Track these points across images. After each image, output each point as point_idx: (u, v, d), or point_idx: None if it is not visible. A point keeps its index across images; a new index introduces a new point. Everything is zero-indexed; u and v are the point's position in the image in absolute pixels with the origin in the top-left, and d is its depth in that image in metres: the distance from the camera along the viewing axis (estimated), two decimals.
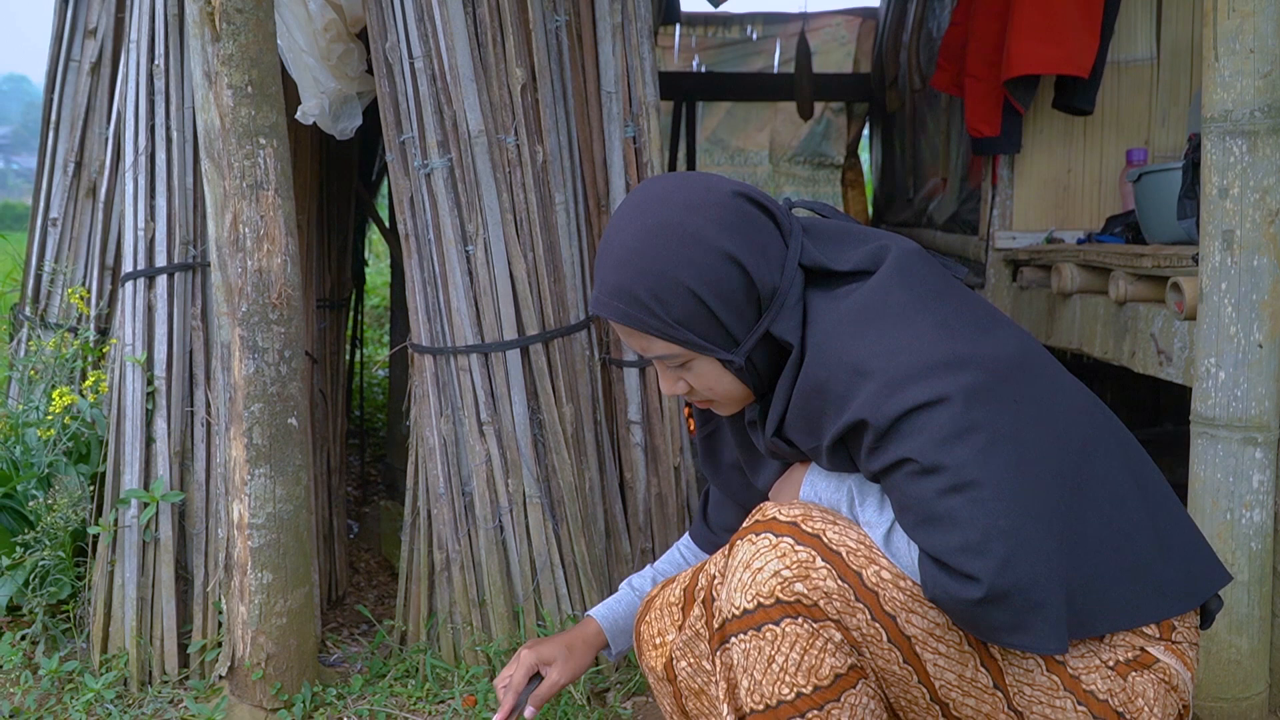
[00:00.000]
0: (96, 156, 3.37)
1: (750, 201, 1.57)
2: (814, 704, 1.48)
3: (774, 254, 1.56)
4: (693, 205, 1.54)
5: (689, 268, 1.52)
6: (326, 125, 2.98)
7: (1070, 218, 4.20)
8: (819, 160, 8.58)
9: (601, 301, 1.59)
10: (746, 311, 1.56)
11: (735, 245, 1.53)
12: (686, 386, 1.66)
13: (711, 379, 1.62)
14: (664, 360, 1.62)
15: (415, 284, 2.79)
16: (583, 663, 1.97)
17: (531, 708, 1.91)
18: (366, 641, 3.03)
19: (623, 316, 1.57)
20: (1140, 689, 1.52)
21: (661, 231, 1.53)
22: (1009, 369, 1.48)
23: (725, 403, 1.68)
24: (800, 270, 1.58)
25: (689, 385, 1.65)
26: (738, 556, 1.53)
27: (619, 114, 2.96)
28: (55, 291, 3.39)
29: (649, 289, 1.53)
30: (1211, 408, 2.32)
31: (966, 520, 1.38)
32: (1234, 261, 2.27)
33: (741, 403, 1.68)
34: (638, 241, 1.54)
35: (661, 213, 1.55)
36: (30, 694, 2.64)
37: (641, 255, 1.54)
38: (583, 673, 1.99)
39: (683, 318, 1.54)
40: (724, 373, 1.61)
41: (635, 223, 1.56)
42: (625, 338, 1.62)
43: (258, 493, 2.52)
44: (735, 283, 1.54)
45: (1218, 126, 2.28)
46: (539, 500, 2.70)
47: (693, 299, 1.53)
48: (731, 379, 1.62)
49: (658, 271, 1.53)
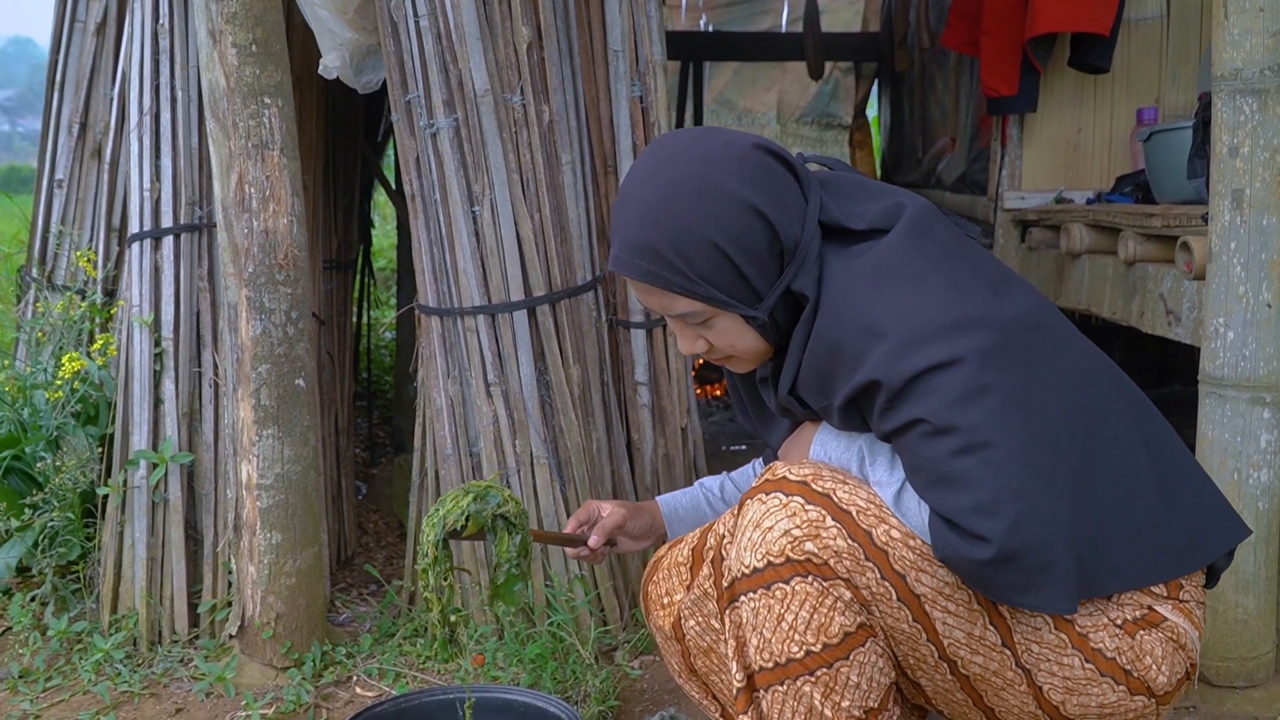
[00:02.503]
0: (101, 117, 3.36)
1: (770, 154, 1.55)
2: (823, 662, 1.49)
3: (794, 207, 1.54)
4: (713, 159, 1.52)
5: (713, 222, 1.50)
6: (349, 79, 2.94)
7: (1080, 177, 4.18)
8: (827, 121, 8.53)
9: (621, 260, 1.56)
10: (769, 266, 1.54)
11: (758, 197, 1.50)
12: (706, 345, 1.63)
13: (733, 335, 1.60)
14: (685, 318, 1.59)
15: (422, 245, 2.78)
16: (639, 518, 1.95)
17: (596, 535, 1.91)
18: (375, 601, 3.05)
19: (645, 274, 1.54)
20: (1148, 647, 1.52)
21: (683, 186, 1.51)
22: (1022, 330, 1.48)
23: (744, 359, 1.66)
24: (818, 226, 1.56)
25: (709, 343, 1.63)
26: (747, 516, 1.53)
27: (625, 73, 2.94)
28: (62, 253, 3.39)
29: (672, 245, 1.51)
30: (1220, 368, 2.31)
31: (978, 481, 1.38)
32: (1243, 221, 2.26)
33: (759, 359, 1.66)
34: (658, 196, 1.52)
35: (681, 167, 1.52)
36: (39, 654, 2.66)
37: (663, 211, 1.51)
38: (636, 529, 1.95)
39: (707, 273, 1.52)
40: (746, 329, 1.59)
41: (654, 178, 1.53)
42: (644, 296, 1.60)
43: (266, 453, 2.52)
44: (759, 236, 1.51)
45: (1228, 85, 2.26)
46: (546, 461, 2.70)
47: (717, 254, 1.51)
48: (754, 335, 1.60)
49: (681, 227, 1.50)
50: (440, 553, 1.82)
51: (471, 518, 1.81)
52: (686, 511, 2.01)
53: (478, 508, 1.82)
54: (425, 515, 1.86)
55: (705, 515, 2.00)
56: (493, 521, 1.84)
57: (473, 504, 1.82)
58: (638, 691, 2.53)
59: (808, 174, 1.60)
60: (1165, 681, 1.54)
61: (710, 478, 2.06)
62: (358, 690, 2.56)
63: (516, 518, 1.86)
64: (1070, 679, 1.52)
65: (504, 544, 1.86)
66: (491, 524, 1.84)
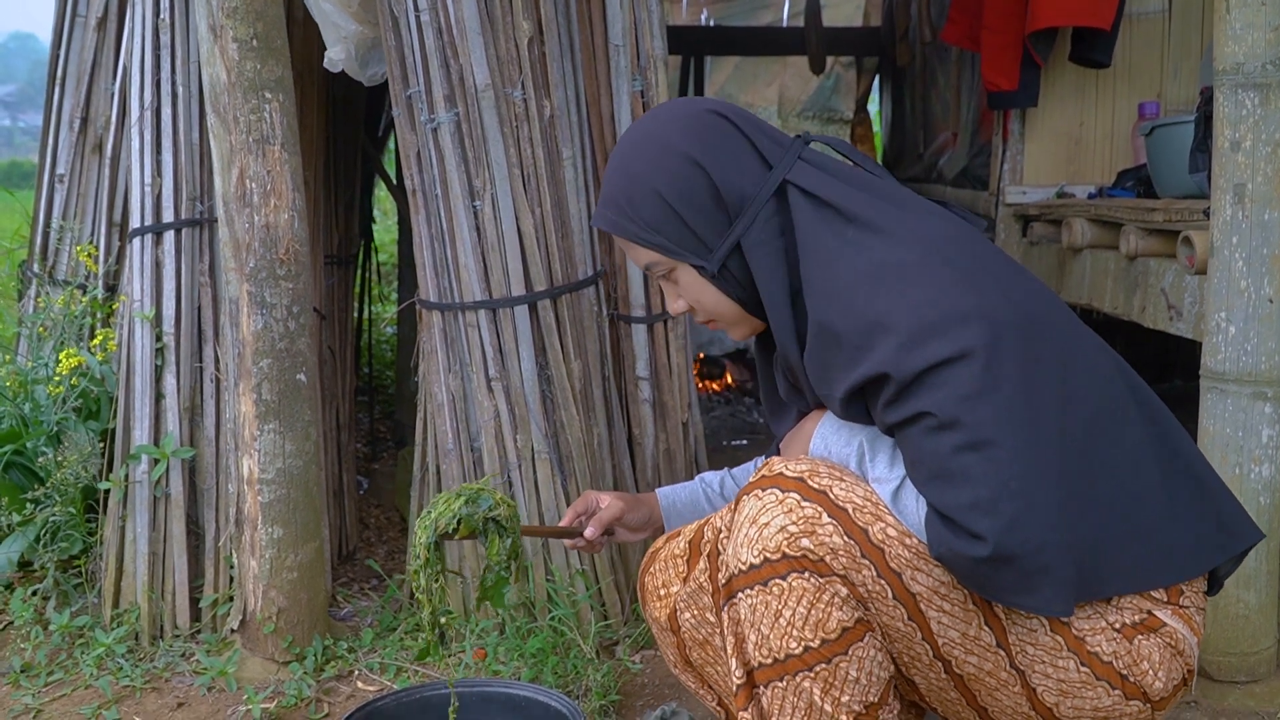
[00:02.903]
0: (102, 112, 3.36)
1: (722, 117, 1.63)
2: (821, 658, 1.49)
3: (743, 166, 1.60)
4: (667, 119, 1.65)
5: (657, 173, 1.60)
6: (355, 71, 2.94)
7: (1081, 172, 4.17)
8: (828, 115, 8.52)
9: (595, 214, 1.71)
10: (715, 217, 1.60)
11: (696, 150, 1.59)
12: (684, 304, 1.71)
13: (695, 290, 1.67)
14: (653, 270, 1.68)
15: (423, 240, 2.78)
16: (637, 511, 1.98)
17: (592, 527, 1.94)
18: (377, 596, 3.05)
19: (608, 223, 1.67)
20: (1146, 652, 1.52)
21: (638, 143, 1.65)
22: (1031, 325, 1.47)
23: (725, 322, 1.71)
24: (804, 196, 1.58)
25: (686, 302, 1.71)
26: (744, 511, 1.53)
27: (626, 68, 2.94)
28: (63, 248, 3.38)
29: (625, 194, 1.63)
30: (1221, 362, 2.31)
31: (979, 478, 1.38)
32: (1245, 215, 2.26)
33: (741, 324, 1.70)
34: (619, 155, 1.67)
35: (641, 127, 1.67)
36: (41, 649, 2.66)
37: (619, 164, 1.65)
38: (634, 521, 1.99)
39: (655, 222, 1.62)
40: (704, 283, 1.65)
41: (623, 140, 1.69)
42: (626, 250, 1.72)
43: (267, 448, 2.53)
44: (697, 185, 1.59)
45: (1230, 79, 2.25)
46: (547, 456, 2.70)
47: (661, 202, 1.60)
48: (714, 291, 1.65)
49: (631, 176, 1.63)
50: (432, 554, 1.83)
51: (463, 520, 1.82)
52: (685, 505, 2.02)
53: (469, 510, 1.83)
54: (418, 517, 1.86)
55: (703, 510, 2.01)
56: (484, 524, 1.85)
57: (464, 507, 1.83)
58: (639, 686, 2.54)
59: (788, 147, 1.63)
60: (1161, 687, 1.53)
61: (711, 473, 2.07)
62: (359, 684, 2.56)
63: (508, 521, 1.86)
64: (1065, 682, 1.51)
65: (494, 546, 1.86)
66: (483, 527, 1.85)
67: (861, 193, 1.58)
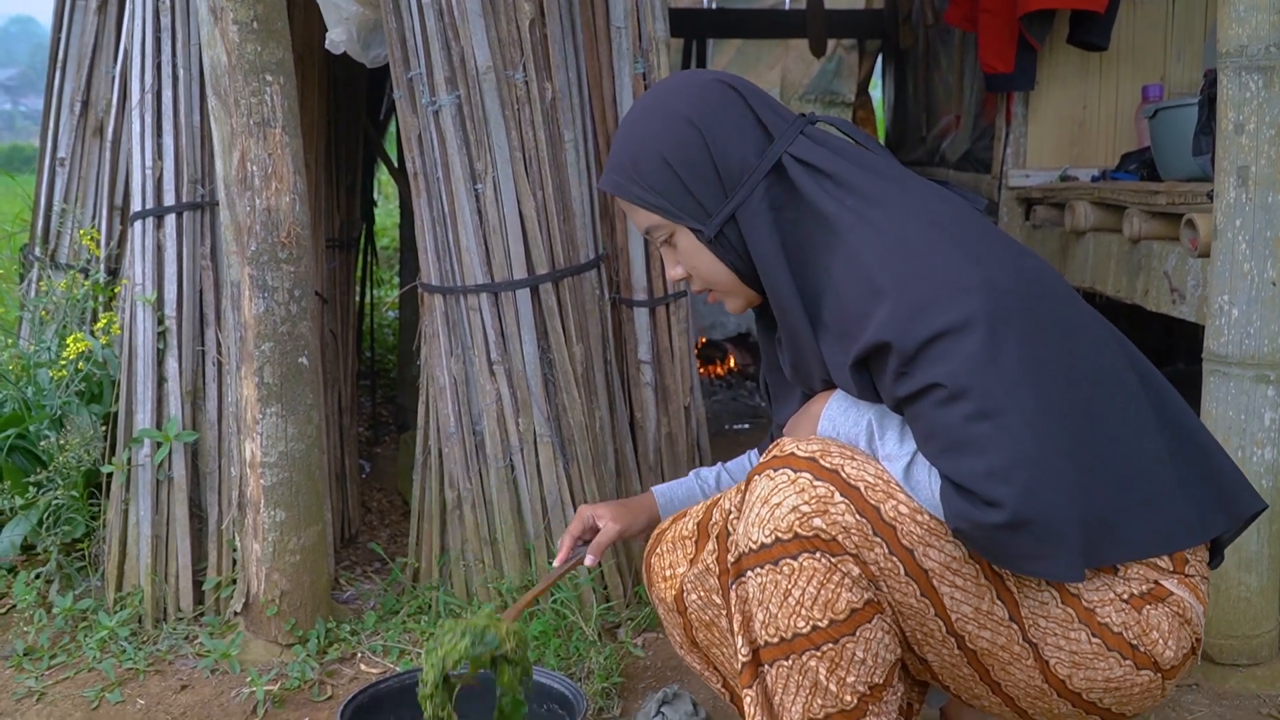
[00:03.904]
0: (103, 95, 3.35)
1: (730, 87, 1.66)
2: (829, 637, 1.49)
3: (745, 134, 1.62)
4: (675, 86, 1.69)
5: (661, 137, 1.64)
6: (356, 53, 2.93)
7: (1085, 155, 4.16)
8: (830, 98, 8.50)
9: (602, 178, 1.75)
10: (715, 183, 1.63)
11: (697, 114, 1.63)
12: (682, 271, 1.73)
13: (693, 255, 1.69)
14: (653, 234, 1.71)
15: (424, 223, 2.78)
16: (635, 520, 2.01)
17: (591, 556, 1.97)
18: (379, 579, 3.05)
19: (612, 186, 1.71)
20: (1155, 622, 1.53)
21: (646, 108, 1.69)
22: (1032, 295, 1.48)
23: (721, 291, 1.72)
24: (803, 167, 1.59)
25: (684, 269, 1.73)
26: (755, 492, 1.54)
27: (629, 50, 2.93)
28: (65, 232, 3.38)
29: (630, 158, 1.67)
30: (1224, 345, 2.31)
31: (993, 446, 1.39)
32: (1249, 198, 2.25)
33: (737, 294, 1.72)
34: (627, 121, 1.72)
35: (650, 95, 1.71)
36: (44, 632, 2.67)
37: (626, 130, 1.70)
38: (634, 531, 2.02)
39: (656, 184, 1.65)
40: (701, 248, 1.67)
41: (632, 108, 1.74)
42: (628, 214, 1.76)
43: (269, 431, 2.53)
44: (699, 150, 1.62)
45: (1233, 62, 2.25)
46: (549, 439, 2.70)
47: (663, 165, 1.64)
48: (710, 257, 1.67)
49: (636, 140, 1.67)
50: (439, 690, 1.83)
51: (471, 661, 1.82)
52: (682, 503, 2.04)
53: (477, 651, 1.83)
54: (425, 650, 1.86)
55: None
56: (492, 663, 1.85)
57: (471, 647, 1.82)
58: (641, 668, 2.54)
59: (792, 122, 1.64)
60: (1172, 656, 1.54)
61: (706, 468, 2.09)
62: (362, 667, 2.57)
63: (515, 653, 1.86)
64: (1077, 653, 1.52)
65: (505, 676, 1.86)
66: (491, 664, 1.85)
67: (862, 169, 1.59)
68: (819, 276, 1.58)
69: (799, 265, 1.61)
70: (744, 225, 1.62)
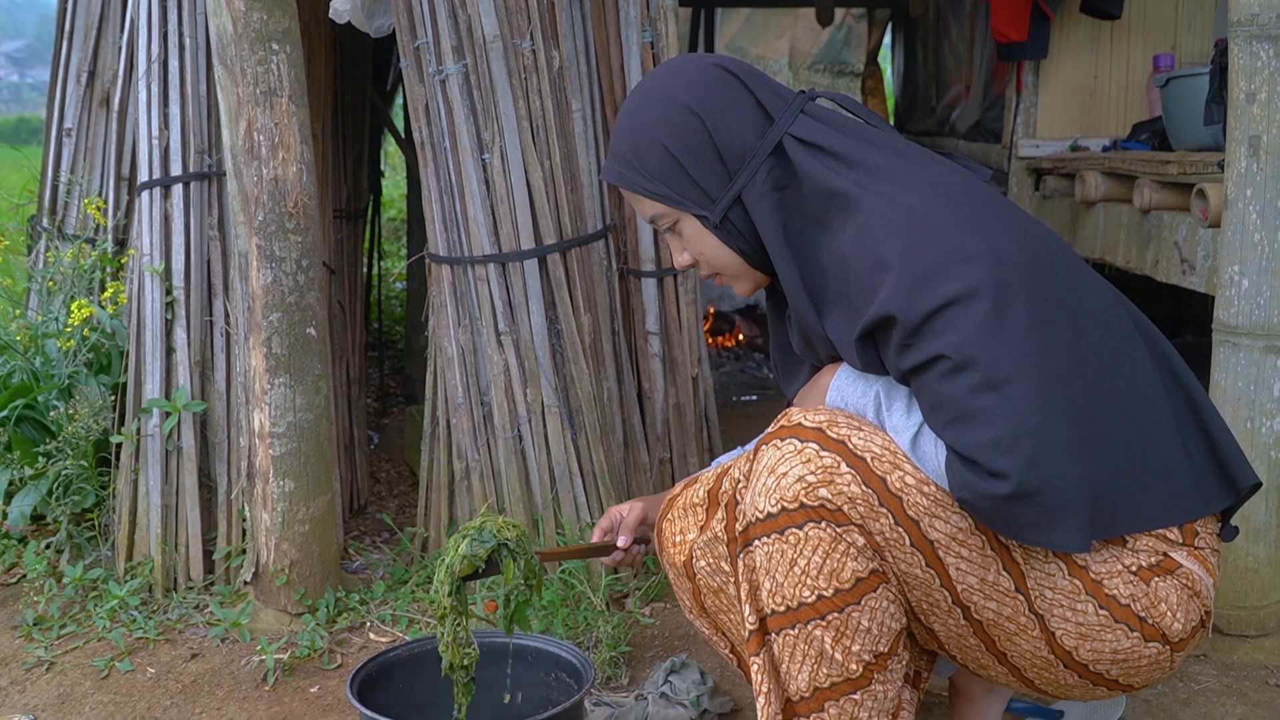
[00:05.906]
0: (110, 66, 3.34)
1: (727, 71, 1.65)
2: (834, 606, 1.49)
3: (749, 118, 1.61)
4: (672, 73, 1.68)
5: (661, 124, 1.63)
6: (360, 23, 2.91)
7: (1095, 125, 4.14)
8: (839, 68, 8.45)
9: (604, 168, 1.74)
10: (717, 168, 1.62)
11: (696, 101, 1.62)
12: (689, 257, 1.73)
13: (699, 241, 1.68)
14: (658, 222, 1.71)
15: (432, 193, 2.77)
16: (658, 506, 2.00)
17: (623, 536, 1.99)
18: (388, 549, 3.06)
19: (615, 176, 1.70)
20: (1163, 594, 1.53)
21: (644, 96, 1.68)
22: (1038, 265, 1.48)
23: (728, 276, 1.72)
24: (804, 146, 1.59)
25: (690, 255, 1.72)
26: (763, 461, 1.54)
27: (636, 18, 2.91)
28: (72, 202, 3.38)
29: (631, 147, 1.66)
30: (1234, 316, 2.30)
31: (999, 417, 1.38)
32: (1260, 168, 2.24)
33: (745, 277, 1.71)
34: (625, 110, 1.70)
35: (647, 82, 1.70)
36: (55, 602, 2.68)
37: (625, 119, 1.69)
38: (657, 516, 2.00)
39: (658, 173, 1.64)
40: (706, 234, 1.67)
41: (630, 96, 1.72)
42: (633, 204, 1.74)
43: (278, 402, 2.53)
44: (700, 137, 1.61)
45: (1245, 30, 2.23)
46: (557, 410, 2.71)
47: (664, 152, 1.63)
48: (716, 242, 1.67)
49: (636, 129, 1.66)
50: (452, 603, 1.84)
51: (470, 559, 1.83)
52: None
53: (473, 549, 1.84)
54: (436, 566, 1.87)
55: None
56: (497, 553, 1.85)
57: (470, 545, 1.83)
58: (649, 638, 2.55)
59: (793, 101, 1.64)
60: (1180, 629, 1.54)
61: (726, 455, 2.08)
62: (371, 636, 2.58)
63: (517, 543, 1.87)
64: (1084, 625, 1.52)
65: (509, 571, 1.87)
66: (497, 556, 1.85)
67: (864, 143, 1.59)
68: (826, 254, 1.58)
69: (807, 243, 1.60)
70: (750, 208, 1.62)
